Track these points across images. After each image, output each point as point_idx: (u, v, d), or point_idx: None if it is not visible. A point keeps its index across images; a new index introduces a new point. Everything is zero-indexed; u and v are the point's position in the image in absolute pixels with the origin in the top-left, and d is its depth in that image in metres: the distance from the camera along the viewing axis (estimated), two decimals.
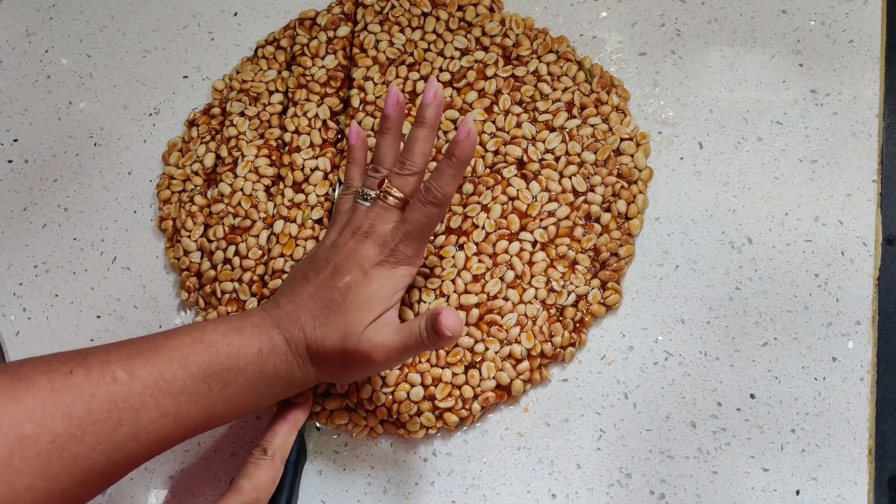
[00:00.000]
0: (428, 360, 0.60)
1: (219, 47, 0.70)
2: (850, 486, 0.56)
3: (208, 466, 0.61)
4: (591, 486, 0.58)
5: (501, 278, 0.60)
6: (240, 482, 0.52)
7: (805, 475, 0.56)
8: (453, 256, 0.61)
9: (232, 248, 0.63)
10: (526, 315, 0.60)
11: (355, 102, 0.65)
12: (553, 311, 0.60)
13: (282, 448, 0.54)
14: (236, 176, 0.64)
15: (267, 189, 0.64)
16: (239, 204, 0.64)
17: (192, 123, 0.68)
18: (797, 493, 0.56)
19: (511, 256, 0.60)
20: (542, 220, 0.61)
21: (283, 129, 0.65)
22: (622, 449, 0.58)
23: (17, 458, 0.41)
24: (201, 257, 0.64)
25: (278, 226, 0.63)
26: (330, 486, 0.60)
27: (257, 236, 0.63)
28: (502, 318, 0.59)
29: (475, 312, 0.59)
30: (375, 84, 0.65)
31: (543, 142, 0.62)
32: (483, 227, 0.61)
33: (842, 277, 0.59)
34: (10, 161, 0.69)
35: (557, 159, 0.62)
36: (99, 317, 0.65)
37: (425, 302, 0.60)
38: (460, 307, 0.60)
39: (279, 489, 0.54)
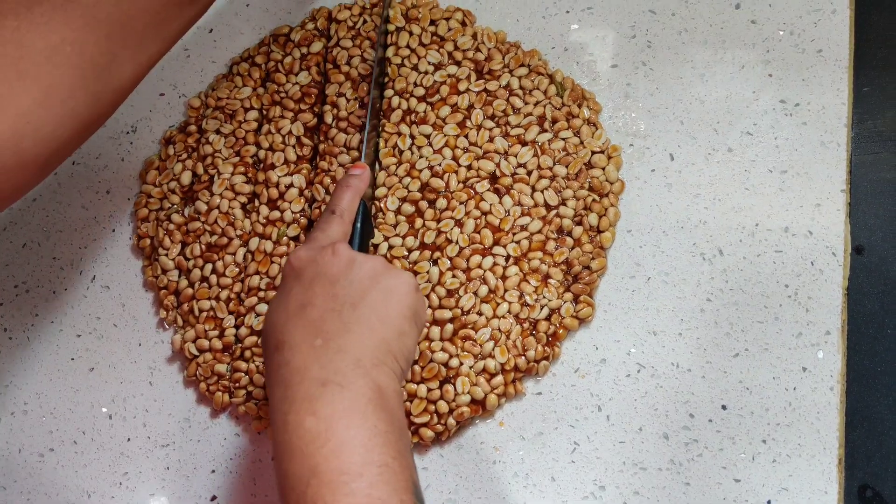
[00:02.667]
0: None
1: (195, 64, 0.70)
2: (821, 495, 0.56)
3: (189, 485, 0.62)
4: (565, 499, 0.58)
5: (475, 293, 0.61)
6: (313, 234, 0.52)
7: (776, 485, 0.57)
8: (427, 272, 0.61)
9: (209, 266, 0.64)
10: (500, 329, 0.60)
11: (328, 119, 0.65)
12: (526, 324, 0.60)
13: (348, 210, 0.54)
14: (212, 194, 0.65)
15: (243, 206, 0.65)
16: (215, 222, 0.64)
17: (168, 141, 0.68)
18: (768, 503, 0.57)
19: (484, 271, 0.61)
20: (514, 234, 0.61)
21: (259, 146, 0.66)
22: (596, 461, 0.59)
23: None
24: (179, 275, 0.65)
25: (254, 243, 0.63)
26: None
27: (234, 254, 0.64)
28: (476, 332, 0.60)
29: (449, 327, 0.60)
30: (348, 100, 0.65)
31: (516, 156, 0.63)
32: (457, 242, 0.62)
33: (811, 288, 0.60)
34: None
35: (529, 173, 0.62)
36: (79, 335, 0.66)
37: None
38: (435, 322, 0.60)
39: None
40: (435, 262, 0.62)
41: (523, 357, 0.60)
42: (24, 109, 0.46)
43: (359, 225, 0.55)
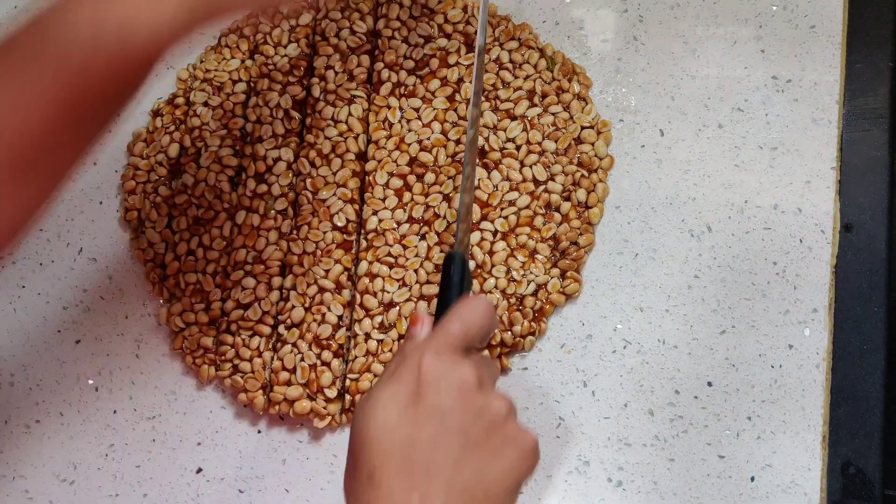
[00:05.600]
0: (391, 350, 0.60)
1: None
2: (804, 472, 0.56)
3: (175, 457, 0.62)
4: (549, 474, 0.58)
5: None
6: (451, 326, 0.47)
7: (760, 462, 0.57)
8: (416, 246, 0.61)
9: (196, 240, 0.64)
10: None
11: (316, 92, 0.65)
12: (513, 300, 0.60)
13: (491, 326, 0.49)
14: (200, 167, 0.65)
15: (231, 180, 0.65)
16: (203, 195, 0.64)
17: (156, 113, 0.68)
18: (752, 479, 0.57)
19: (472, 246, 0.61)
20: (502, 209, 0.61)
21: (247, 118, 0.65)
22: (581, 437, 0.59)
23: None
24: (166, 249, 0.64)
25: (240, 216, 0.63)
26: (293, 474, 0.60)
27: (221, 227, 0.63)
28: None
29: (436, 302, 0.60)
30: (336, 73, 0.65)
31: (505, 130, 0.62)
32: (445, 217, 0.61)
33: (799, 265, 0.59)
34: None
35: (518, 148, 0.62)
36: (66, 308, 0.65)
37: (388, 292, 0.61)
38: (422, 297, 0.60)
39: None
40: (423, 237, 0.61)
41: (509, 332, 0.60)
42: None
43: (456, 284, 0.51)
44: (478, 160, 0.62)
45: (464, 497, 0.43)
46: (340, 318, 0.60)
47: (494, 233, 0.61)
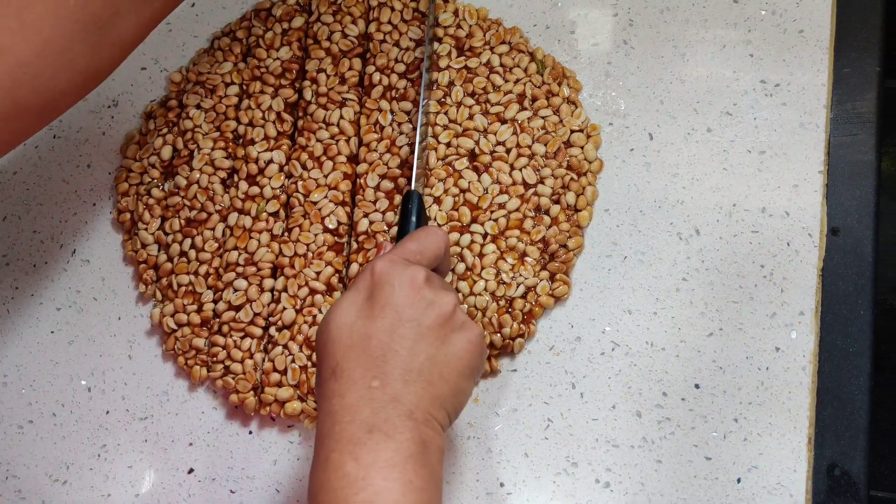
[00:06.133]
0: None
1: (176, 38, 0.70)
2: (790, 473, 0.57)
3: (167, 457, 0.62)
4: (538, 475, 0.59)
5: (452, 270, 0.61)
6: (406, 243, 0.52)
7: (746, 463, 0.57)
8: None
9: (188, 241, 0.64)
10: (476, 307, 0.60)
11: (308, 95, 0.65)
12: (503, 302, 0.61)
13: (445, 239, 0.53)
14: (192, 169, 0.65)
15: (223, 182, 0.65)
16: (195, 197, 0.64)
17: (149, 116, 0.68)
18: (738, 481, 0.57)
19: (462, 248, 0.61)
20: (492, 212, 0.62)
21: (239, 121, 0.66)
22: (569, 438, 0.59)
23: None
24: (158, 250, 0.65)
25: (233, 218, 0.63)
26: (284, 475, 0.61)
27: (213, 229, 0.64)
28: None
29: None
30: (328, 76, 0.65)
31: (495, 134, 0.63)
32: (435, 219, 0.62)
33: (787, 268, 0.60)
34: None
35: (508, 151, 0.62)
36: (59, 309, 0.66)
37: None
38: None
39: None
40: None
41: (499, 334, 0.60)
42: (23, 59, 0.48)
43: (414, 218, 0.56)
44: (468, 163, 0.62)
45: (420, 379, 0.47)
46: None
47: (484, 235, 0.61)
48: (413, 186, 0.59)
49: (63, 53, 0.50)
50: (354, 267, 0.62)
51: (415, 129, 0.62)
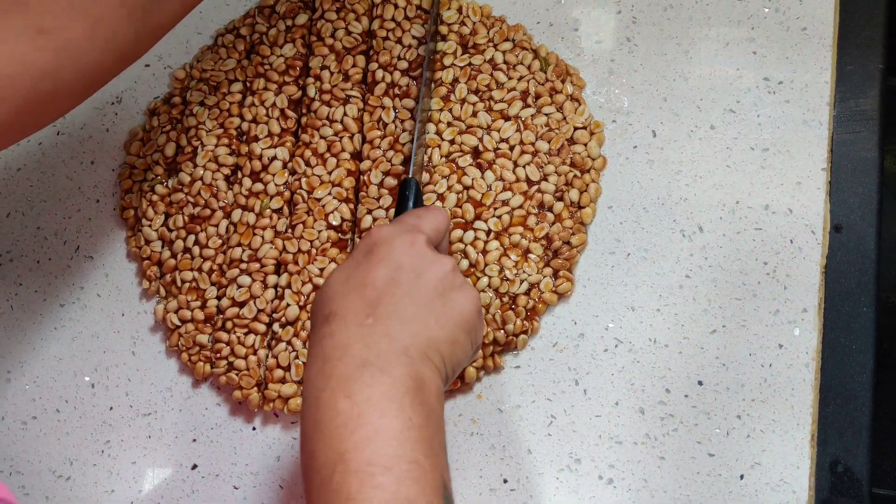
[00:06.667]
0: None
1: (180, 35, 0.70)
2: (793, 470, 0.57)
3: (170, 453, 0.62)
4: (541, 472, 0.59)
5: None
6: (405, 216, 0.51)
7: (749, 460, 0.57)
8: None
9: (192, 238, 0.64)
10: None
11: (311, 92, 0.65)
12: (506, 299, 0.61)
13: (446, 217, 0.53)
14: (196, 165, 0.65)
15: (227, 178, 0.65)
16: (199, 193, 0.65)
17: (152, 112, 0.68)
18: (741, 477, 0.57)
19: (465, 245, 0.61)
20: (496, 208, 0.62)
21: (242, 118, 0.66)
22: (572, 434, 0.59)
23: None
24: (162, 246, 0.65)
25: (236, 215, 0.64)
26: (287, 471, 0.61)
27: (217, 225, 0.64)
28: None
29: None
30: (332, 73, 0.65)
31: (498, 131, 0.63)
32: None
33: (790, 265, 0.60)
34: None
35: (512, 148, 0.63)
36: (62, 305, 0.66)
37: None
38: None
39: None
40: None
41: (502, 331, 0.60)
42: (69, 41, 0.49)
43: (411, 204, 0.55)
44: (471, 160, 0.63)
45: (415, 320, 0.45)
46: None
47: (488, 232, 0.61)
48: (411, 174, 0.59)
49: (110, 37, 0.50)
50: None
51: (414, 120, 0.62)
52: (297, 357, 0.61)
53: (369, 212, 0.63)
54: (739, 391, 0.58)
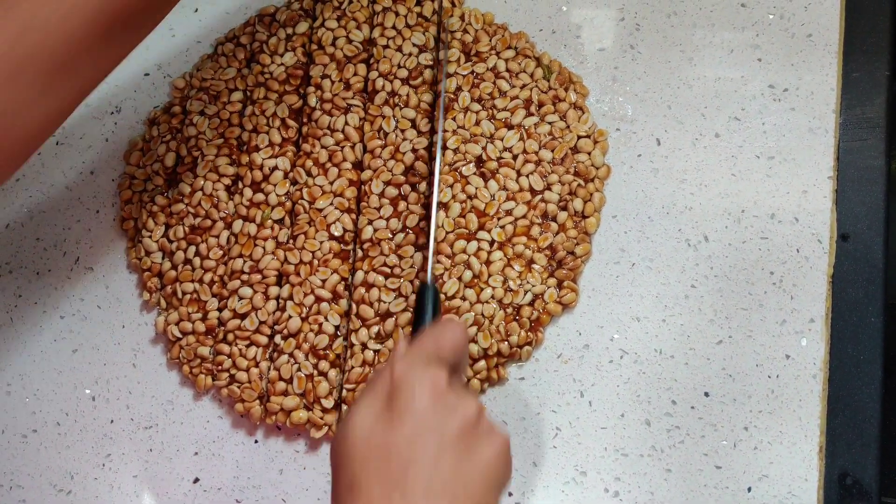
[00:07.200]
0: (387, 360, 0.60)
1: (179, 44, 0.70)
2: (801, 482, 0.56)
3: (172, 466, 0.62)
4: (546, 484, 0.58)
5: (459, 278, 0.60)
6: (424, 340, 0.49)
7: (757, 472, 0.57)
8: (412, 256, 0.61)
9: (192, 249, 0.64)
10: (483, 314, 0.60)
11: (312, 101, 0.65)
12: (510, 310, 0.60)
13: (464, 339, 0.51)
14: (196, 176, 0.65)
15: (227, 189, 0.65)
16: (199, 204, 0.64)
17: (152, 122, 0.68)
18: (749, 490, 0.57)
19: (469, 256, 0.61)
20: (499, 218, 0.61)
21: (243, 127, 0.65)
22: (577, 447, 0.59)
23: None
24: (162, 257, 0.64)
25: (237, 226, 0.63)
26: (290, 484, 0.60)
27: (217, 236, 0.63)
28: (459, 317, 0.60)
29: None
30: (333, 82, 0.65)
31: (502, 140, 0.62)
32: (442, 227, 0.61)
33: (796, 275, 0.59)
34: None
35: (515, 157, 0.62)
36: (62, 317, 0.65)
37: (384, 301, 0.60)
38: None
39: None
40: (419, 248, 0.61)
41: (506, 342, 0.60)
42: None
43: (430, 312, 0.54)
44: (475, 169, 0.62)
45: (444, 493, 0.43)
46: (337, 328, 0.60)
47: (491, 242, 0.61)
48: (429, 279, 0.57)
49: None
50: (360, 275, 0.61)
51: (427, 220, 0.61)
52: (299, 369, 0.60)
53: (370, 222, 0.62)
54: (746, 402, 0.58)
